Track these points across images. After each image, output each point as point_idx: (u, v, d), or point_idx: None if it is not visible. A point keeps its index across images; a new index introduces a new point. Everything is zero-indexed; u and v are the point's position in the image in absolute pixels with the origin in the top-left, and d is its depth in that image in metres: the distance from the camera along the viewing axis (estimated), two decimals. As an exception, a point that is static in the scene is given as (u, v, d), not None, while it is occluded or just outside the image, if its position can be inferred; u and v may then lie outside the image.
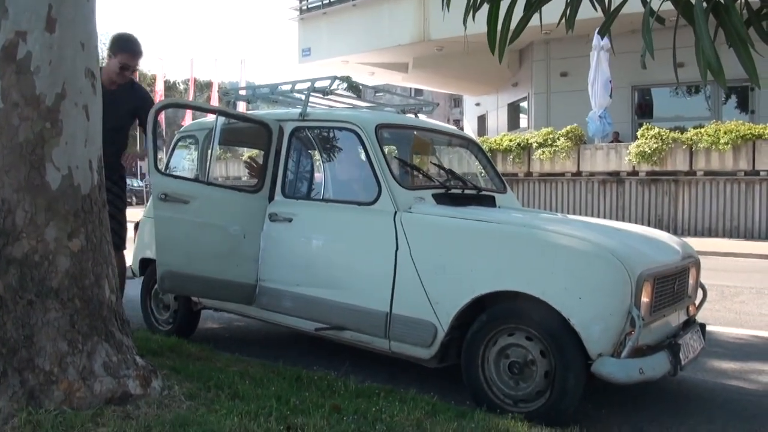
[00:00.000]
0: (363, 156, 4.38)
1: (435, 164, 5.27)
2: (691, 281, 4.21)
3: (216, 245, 4.58)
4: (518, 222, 4.11)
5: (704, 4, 1.48)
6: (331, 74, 5.28)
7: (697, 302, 4.44)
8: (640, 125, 17.39)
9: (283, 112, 5.21)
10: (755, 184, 14.90)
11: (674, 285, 3.89)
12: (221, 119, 5.30)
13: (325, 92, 5.08)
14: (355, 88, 6.02)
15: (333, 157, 4.90)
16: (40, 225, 3.00)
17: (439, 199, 4.39)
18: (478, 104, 31.90)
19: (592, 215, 16.60)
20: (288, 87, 5.23)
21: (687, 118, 18.38)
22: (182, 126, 9.02)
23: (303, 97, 5.01)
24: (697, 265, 4.33)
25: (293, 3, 26.88)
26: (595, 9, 1.79)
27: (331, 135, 4.87)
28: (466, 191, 4.77)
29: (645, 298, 3.47)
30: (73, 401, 2.96)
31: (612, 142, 17.84)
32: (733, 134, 14.70)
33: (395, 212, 4.11)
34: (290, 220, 4.59)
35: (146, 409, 3.04)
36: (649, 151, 15.55)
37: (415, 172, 4.99)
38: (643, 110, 20.85)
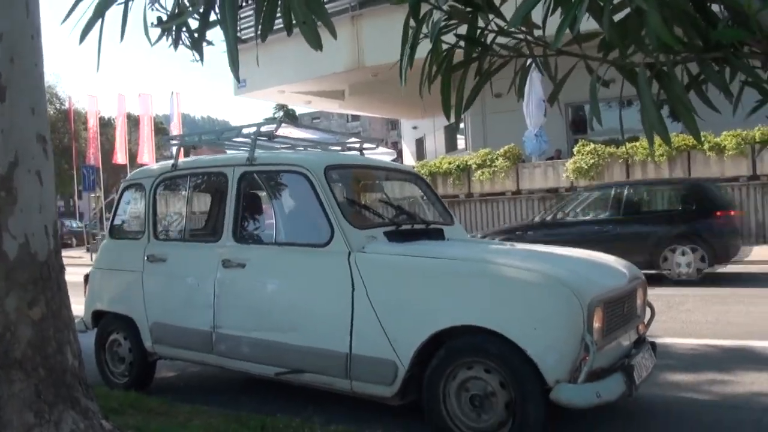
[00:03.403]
0: (313, 198, 4.41)
1: (384, 201, 5.35)
2: (639, 302, 4.36)
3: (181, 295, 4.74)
4: (470, 257, 4.20)
5: (647, 72, 1.59)
6: (268, 104, 5.39)
7: (646, 320, 4.59)
8: (576, 141, 17.83)
9: (228, 156, 5.24)
10: (692, 192, 15.38)
11: (623, 307, 4.03)
12: (166, 167, 5.35)
13: (270, 136, 5.14)
14: (292, 117, 6.11)
15: (283, 200, 4.93)
16: (-1, 296, 2.98)
17: (391, 236, 4.44)
18: (415, 127, 32.25)
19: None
20: (232, 132, 5.31)
21: (619, 130, 18.90)
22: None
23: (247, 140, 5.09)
24: (644, 285, 4.48)
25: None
26: (542, 74, 1.91)
27: (280, 178, 4.91)
28: (416, 226, 4.84)
29: (597, 324, 3.60)
30: (42, 472, 2.93)
31: (551, 159, 18.24)
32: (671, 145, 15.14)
33: (349, 253, 4.15)
34: (243, 266, 4.60)
35: (117, 473, 3.03)
36: (586, 167, 15.96)
37: (366, 211, 5.04)
38: (578, 126, 21.35)
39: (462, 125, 25.33)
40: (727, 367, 5.31)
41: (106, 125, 39.10)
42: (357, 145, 5.96)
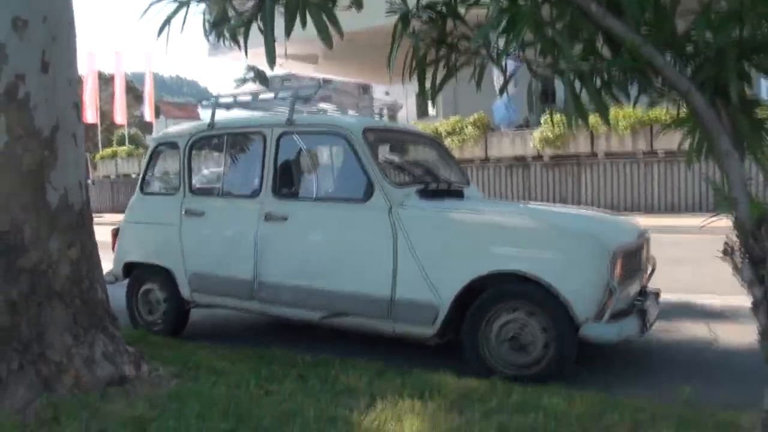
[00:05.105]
0: (352, 158, 4.78)
1: (411, 162, 5.74)
2: (644, 256, 4.89)
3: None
4: (506, 210, 4.75)
5: (571, 76, 2.21)
6: (238, 65, 5.77)
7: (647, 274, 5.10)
8: (544, 111, 18.46)
9: (264, 118, 5.66)
10: (653, 164, 16.07)
11: (636, 259, 4.58)
12: (202, 127, 5.70)
13: (307, 99, 5.53)
14: (262, 78, 6.40)
15: (322, 159, 5.34)
16: (44, 238, 3.55)
17: (422, 194, 4.82)
18: (387, 93, 32.67)
19: (502, 197, 17.63)
20: (269, 96, 5.72)
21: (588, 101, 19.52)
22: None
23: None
24: (649, 241, 5.03)
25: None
26: (496, 68, 2.50)
27: (319, 139, 5.30)
28: (440, 186, 5.20)
29: (618, 271, 4.13)
30: (81, 385, 3.53)
31: (521, 127, 18.83)
32: (632, 119, 15.79)
33: (389, 208, 4.56)
34: (286, 219, 4.96)
35: (142, 387, 3.65)
36: (552, 137, 16.62)
37: (399, 171, 5.39)
38: (546, 97, 21.95)
39: (434, 92, 25.82)
40: (671, 317, 5.94)
41: (77, 83, 38.83)
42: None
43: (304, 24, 2.42)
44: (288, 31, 2.34)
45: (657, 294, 5.05)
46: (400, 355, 4.69)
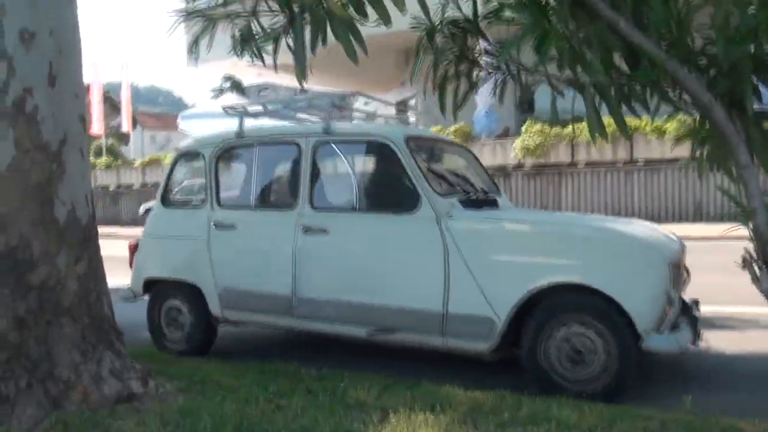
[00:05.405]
0: (397, 167, 4.60)
1: (449, 171, 5.50)
2: (683, 265, 4.79)
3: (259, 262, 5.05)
4: (563, 221, 4.68)
5: (592, 89, 2.25)
6: (214, 74, 5.55)
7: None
8: (524, 121, 18.61)
9: (298, 127, 5.50)
10: (634, 172, 16.27)
11: (680, 268, 4.50)
12: (229, 135, 5.46)
13: (341, 107, 5.39)
14: (239, 88, 6.30)
15: (363, 169, 5.15)
16: (52, 254, 3.52)
17: (465, 203, 4.66)
18: (366, 103, 32.66)
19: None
20: (301, 102, 5.60)
21: (568, 111, 19.70)
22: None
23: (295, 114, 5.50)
24: (685, 250, 4.91)
25: (179, 5, 26.76)
26: (514, 82, 2.54)
27: (360, 148, 5.08)
28: (479, 196, 5.06)
29: (674, 281, 4.08)
30: (89, 403, 3.49)
31: (501, 136, 18.95)
32: (611, 128, 15.82)
33: (437, 218, 4.40)
34: (326, 231, 4.78)
35: (151, 404, 3.62)
36: (533, 146, 16.77)
37: (442, 180, 5.08)
38: (527, 106, 22.11)
39: (413, 102, 25.96)
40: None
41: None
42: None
43: (325, 41, 2.44)
44: (313, 46, 2.36)
45: (697, 303, 4.91)
46: (401, 365, 4.71)
